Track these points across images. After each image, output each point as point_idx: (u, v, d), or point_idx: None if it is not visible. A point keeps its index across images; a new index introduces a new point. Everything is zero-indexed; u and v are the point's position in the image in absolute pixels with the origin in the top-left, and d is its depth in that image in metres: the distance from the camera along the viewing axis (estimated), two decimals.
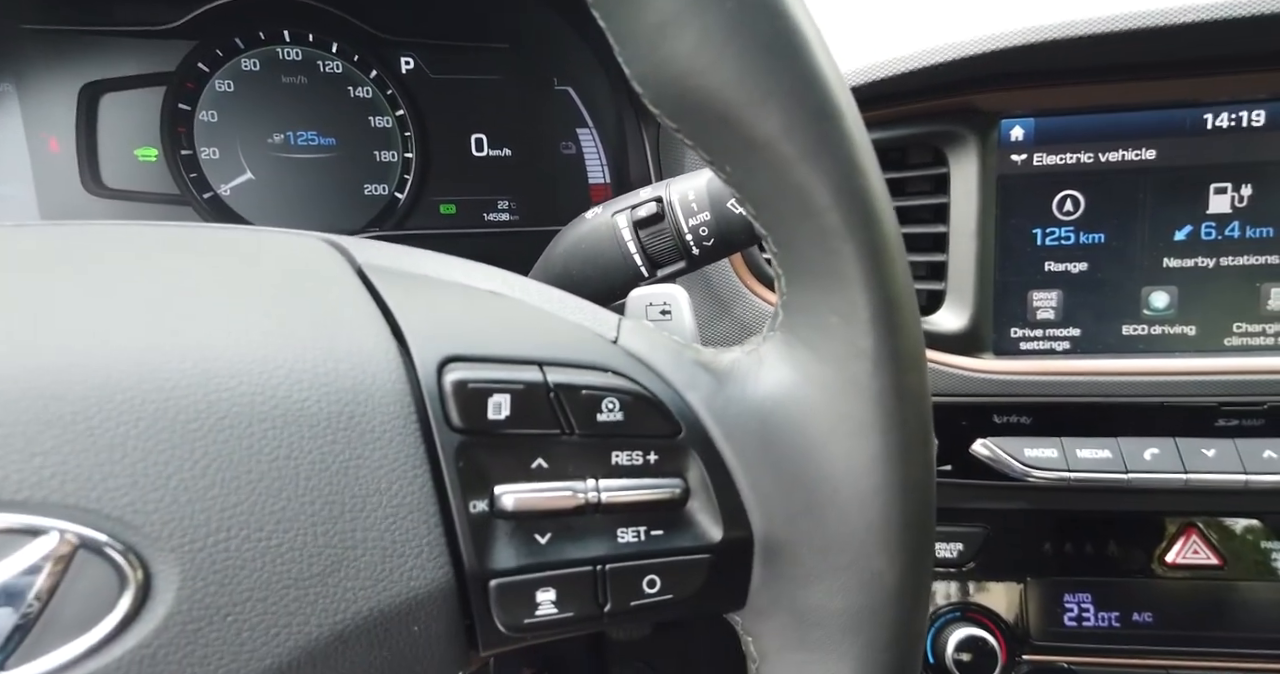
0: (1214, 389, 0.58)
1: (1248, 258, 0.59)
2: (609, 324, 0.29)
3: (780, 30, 0.23)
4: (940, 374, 0.61)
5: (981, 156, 0.59)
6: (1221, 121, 0.58)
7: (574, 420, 0.26)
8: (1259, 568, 0.61)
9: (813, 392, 0.26)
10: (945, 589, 0.65)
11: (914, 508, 0.26)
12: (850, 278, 0.25)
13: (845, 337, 0.25)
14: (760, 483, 0.27)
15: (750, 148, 0.24)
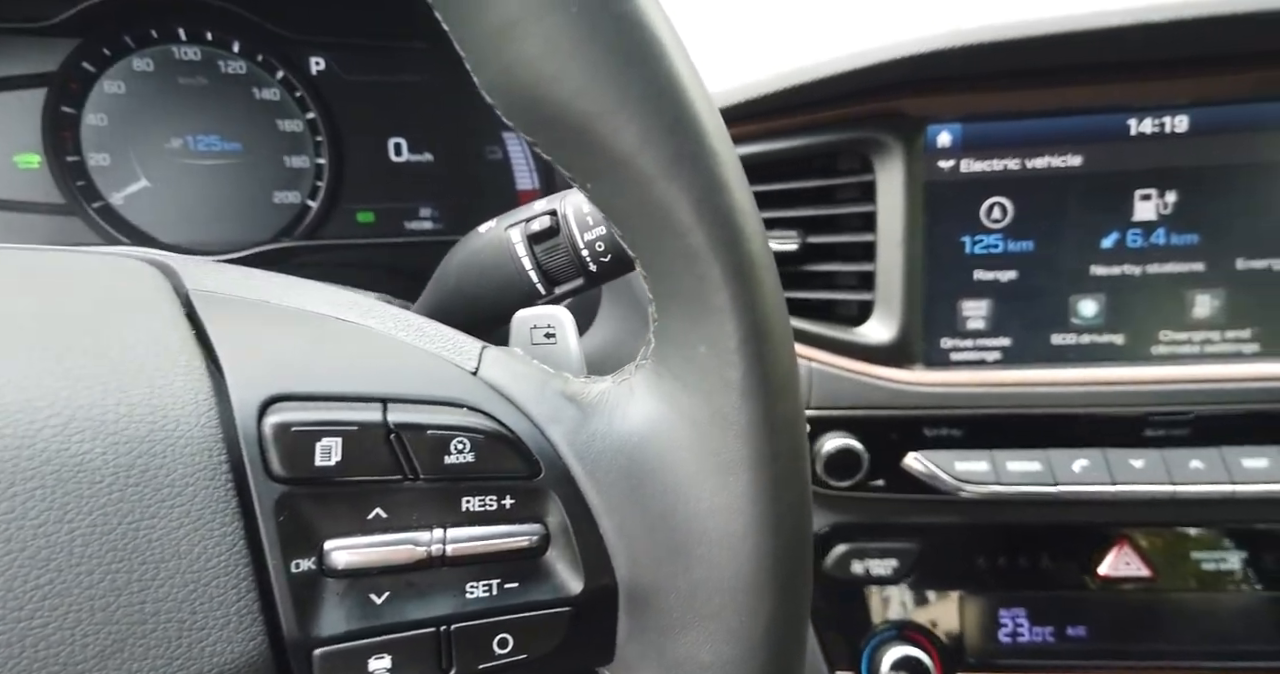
0: (1141, 399, 0.57)
1: (1174, 265, 0.58)
2: (470, 353, 0.26)
3: (632, 36, 0.21)
4: (870, 387, 0.59)
5: (908, 163, 0.57)
6: (1145, 127, 0.58)
7: (418, 464, 0.23)
8: (1190, 578, 0.61)
9: (681, 426, 0.24)
10: (881, 607, 0.64)
11: (786, 549, 0.24)
12: (716, 304, 0.22)
13: (713, 367, 0.23)
14: (626, 525, 0.25)
15: (608, 163, 0.22)
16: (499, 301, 0.36)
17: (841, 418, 0.59)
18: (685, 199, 0.22)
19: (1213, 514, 0.59)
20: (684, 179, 0.21)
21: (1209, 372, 0.57)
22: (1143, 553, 0.61)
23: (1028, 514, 0.62)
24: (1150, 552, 0.61)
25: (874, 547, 0.63)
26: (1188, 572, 0.61)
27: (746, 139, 0.58)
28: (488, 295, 0.36)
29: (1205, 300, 0.59)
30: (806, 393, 0.59)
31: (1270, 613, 0.60)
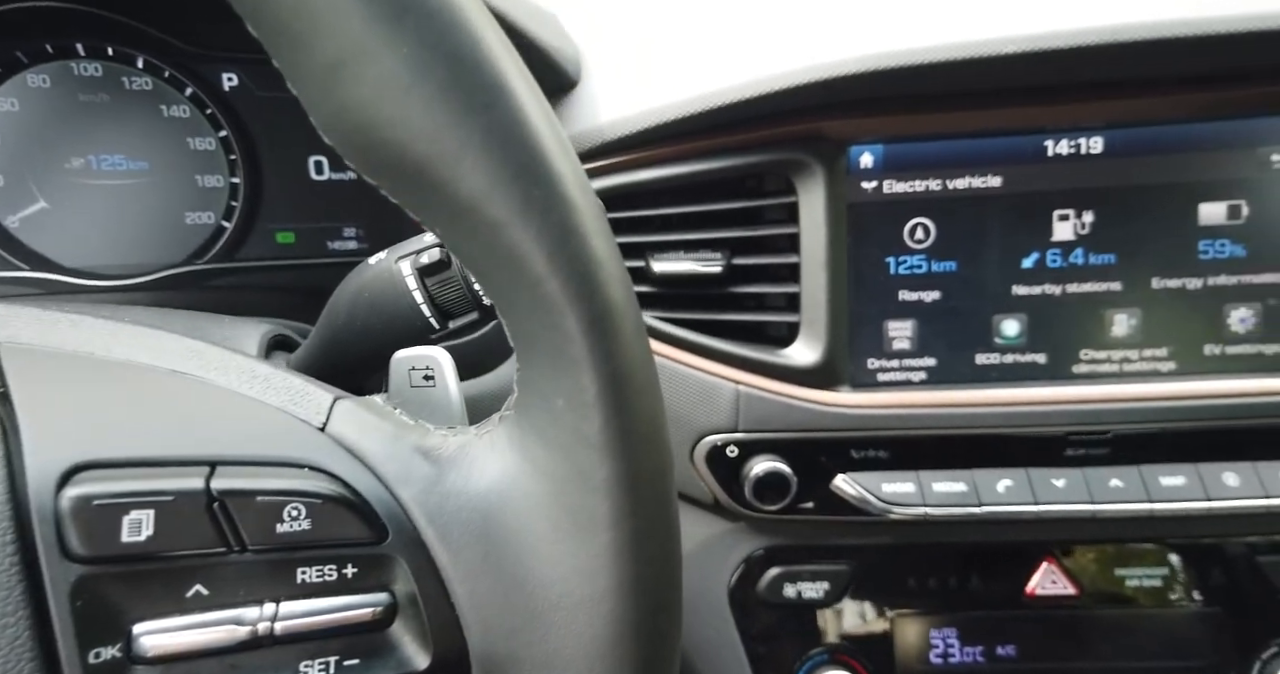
0: (1062, 418, 0.57)
1: (1092, 285, 0.59)
2: (319, 406, 0.24)
3: (472, 78, 0.20)
4: (798, 410, 0.58)
5: (830, 184, 0.57)
6: (1061, 149, 0.58)
7: (245, 535, 0.21)
8: (1113, 595, 0.61)
9: (539, 483, 0.23)
10: (813, 630, 0.63)
11: (649, 611, 0.23)
12: (573, 355, 0.21)
13: (570, 421, 0.22)
14: (479, 591, 0.23)
15: (454, 209, 0.21)
16: (391, 337, 0.34)
17: (770, 441, 0.59)
18: (537, 248, 0.20)
19: (1133, 531, 0.60)
20: (535, 227, 0.20)
21: (1127, 391, 0.57)
22: (1068, 571, 0.61)
23: (956, 534, 0.61)
24: (1075, 570, 0.61)
25: (806, 569, 0.63)
26: (1112, 589, 0.61)
27: (672, 160, 0.57)
28: (379, 330, 0.34)
29: (1123, 319, 0.59)
30: (734, 416, 0.58)
31: (1192, 628, 0.61)
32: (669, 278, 0.57)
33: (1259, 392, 0.56)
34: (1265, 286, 0.58)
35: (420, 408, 0.27)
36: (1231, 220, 0.58)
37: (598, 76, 0.56)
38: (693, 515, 0.64)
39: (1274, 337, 0.58)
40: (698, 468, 0.60)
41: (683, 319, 0.58)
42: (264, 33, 0.20)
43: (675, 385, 0.59)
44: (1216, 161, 0.57)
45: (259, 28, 0.20)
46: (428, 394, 0.28)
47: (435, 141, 0.19)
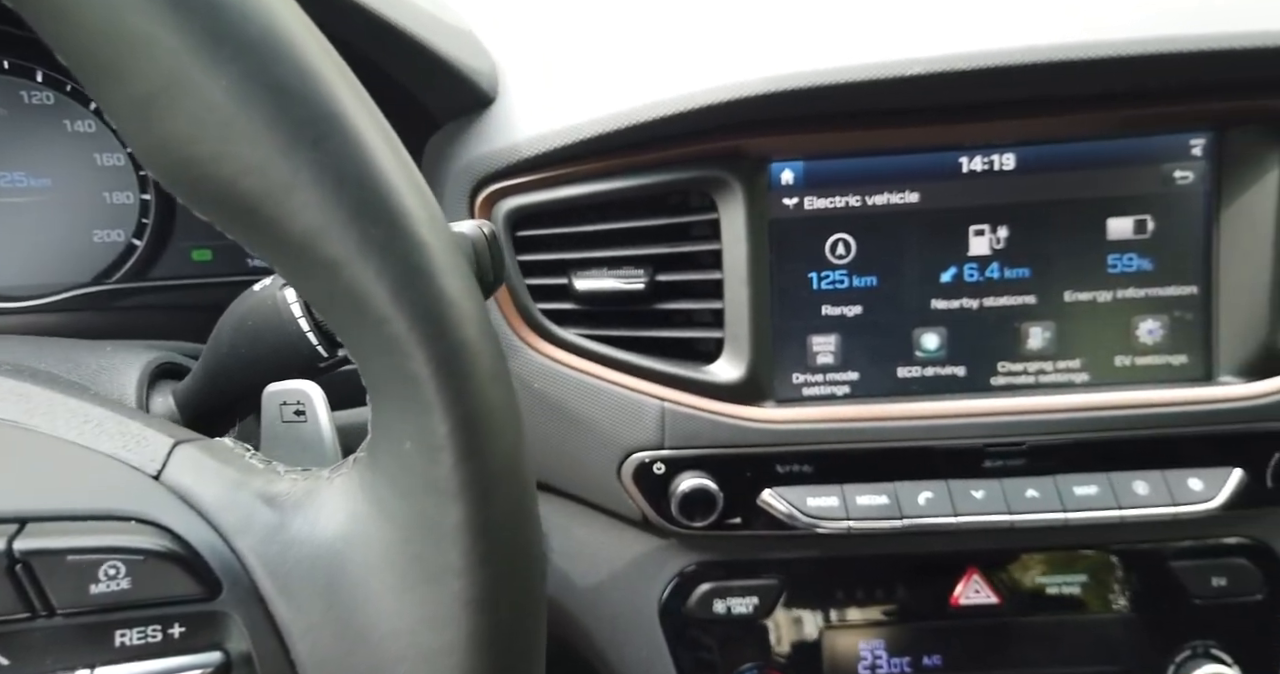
0: (979, 431, 0.58)
1: (1008, 298, 0.60)
2: (156, 452, 0.23)
3: (300, 110, 0.19)
4: (724, 426, 0.58)
5: (751, 201, 0.57)
6: (976, 165, 0.59)
7: (53, 598, 0.20)
8: (1035, 603, 0.62)
9: (388, 530, 0.22)
10: (743, 646, 0.63)
11: (501, 664, 0.22)
12: (421, 397, 0.20)
13: (418, 465, 0.21)
14: (320, 646, 0.22)
15: (287, 248, 0.20)
16: (277, 366, 0.33)
17: (696, 457, 0.59)
18: (379, 287, 0.20)
19: (1052, 540, 0.61)
20: (375, 267, 0.20)
21: (1042, 402, 0.59)
22: (990, 581, 0.62)
23: (882, 546, 0.62)
24: (997, 579, 0.62)
25: (736, 585, 0.63)
26: (1033, 597, 0.62)
27: (592, 176, 0.57)
28: (265, 360, 0.33)
29: (1038, 332, 0.61)
30: (660, 433, 0.58)
31: (1110, 633, 0.62)
32: (592, 295, 0.57)
33: (1166, 402, 0.57)
34: (1171, 299, 0.59)
35: (292, 445, 0.26)
36: (1139, 235, 0.59)
37: (516, 92, 0.56)
38: (622, 533, 0.63)
39: (1180, 348, 0.60)
40: (625, 485, 0.59)
41: (608, 336, 0.58)
42: (73, 62, 0.19)
43: (602, 403, 0.58)
44: (1123, 178, 0.59)
45: (67, 56, 0.19)
46: (299, 430, 0.27)
47: (262, 178, 0.19)
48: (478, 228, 0.31)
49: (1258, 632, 0.63)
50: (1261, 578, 0.63)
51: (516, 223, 0.57)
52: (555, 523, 0.63)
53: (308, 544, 0.22)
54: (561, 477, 0.61)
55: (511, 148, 0.54)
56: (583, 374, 0.58)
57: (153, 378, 0.37)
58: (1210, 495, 0.57)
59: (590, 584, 0.63)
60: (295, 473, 0.24)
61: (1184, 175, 0.59)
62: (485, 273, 0.31)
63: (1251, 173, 0.56)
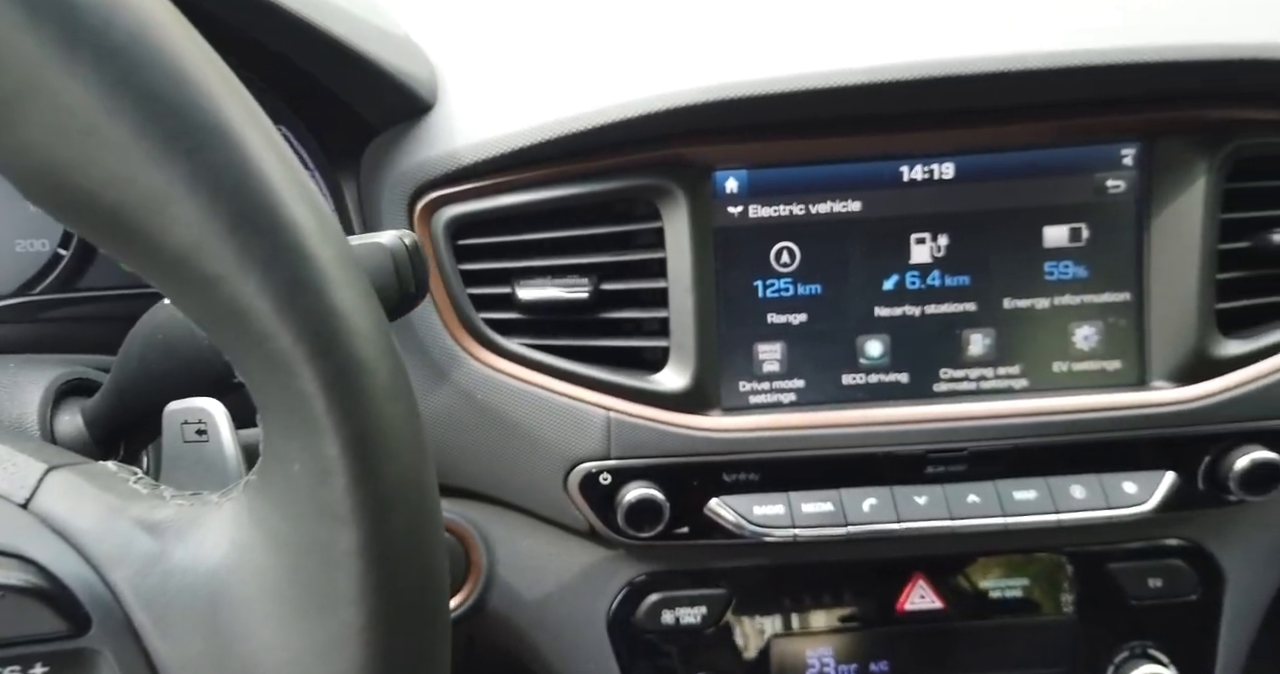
0: (922, 437, 0.59)
1: (949, 305, 0.61)
2: (26, 478, 0.22)
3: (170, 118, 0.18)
4: (670, 435, 0.58)
5: (695, 209, 0.57)
6: (916, 174, 0.60)
7: None
8: (979, 608, 0.63)
9: (275, 556, 0.21)
10: (691, 657, 0.62)
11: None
12: (309, 416, 0.20)
13: (308, 488, 0.20)
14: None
15: (160, 262, 0.19)
16: (188, 382, 0.32)
17: (643, 467, 0.58)
18: (261, 303, 0.19)
19: (994, 545, 0.62)
20: (256, 281, 0.19)
21: (982, 408, 0.59)
22: (936, 586, 0.63)
23: (829, 553, 0.62)
24: (942, 585, 0.63)
25: (684, 594, 0.62)
26: (977, 602, 0.63)
27: (534, 184, 0.56)
28: (177, 375, 0.32)
29: (978, 339, 0.61)
30: (606, 443, 0.57)
31: (1052, 636, 0.63)
32: (536, 304, 0.56)
33: (1101, 407, 0.58)
34: (1106, 305, 0.61)
35: (194, 466, 0.25)
36: (1074, 243, 0.61)
37: (456, 99, 0.55)
38: (570, 544, 0.62)
39: (1115, 353, 0.61)
40: (572, 497, 0.59)
41: (552, 345, 0.57)
42: None
43: (547, 413, 0.57)
44: (1058, 187, 0.60)
45: None
46: (201, 450, 0.26)
47: (130, 189, 0.18)
48: (398, 238, 0.31)
49: (1193, 632, 0.64)
50: (1196, 579, 0.64)
51: (458, 231, 0.56)
52: (500, 535, 0.62)
53: (189, 574, 0.21)
54: (506, 488, 0.60)
55: (450, 155, 0.53)
56: (527, 384, 0.57)
57: (59, 395, 0.35)
58: (1144, 499, 0.58)
59: (537, 597, 0.62)
60: (183, 498, 0.23)
61: (1115, 184, 0.60)
62: (406, 285, 0.30)
63: (1179, 182, 0.58)
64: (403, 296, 0.31)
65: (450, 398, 0.57)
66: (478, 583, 0.60)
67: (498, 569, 0.61)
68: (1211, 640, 0.65)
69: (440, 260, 0.54)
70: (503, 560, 0.62)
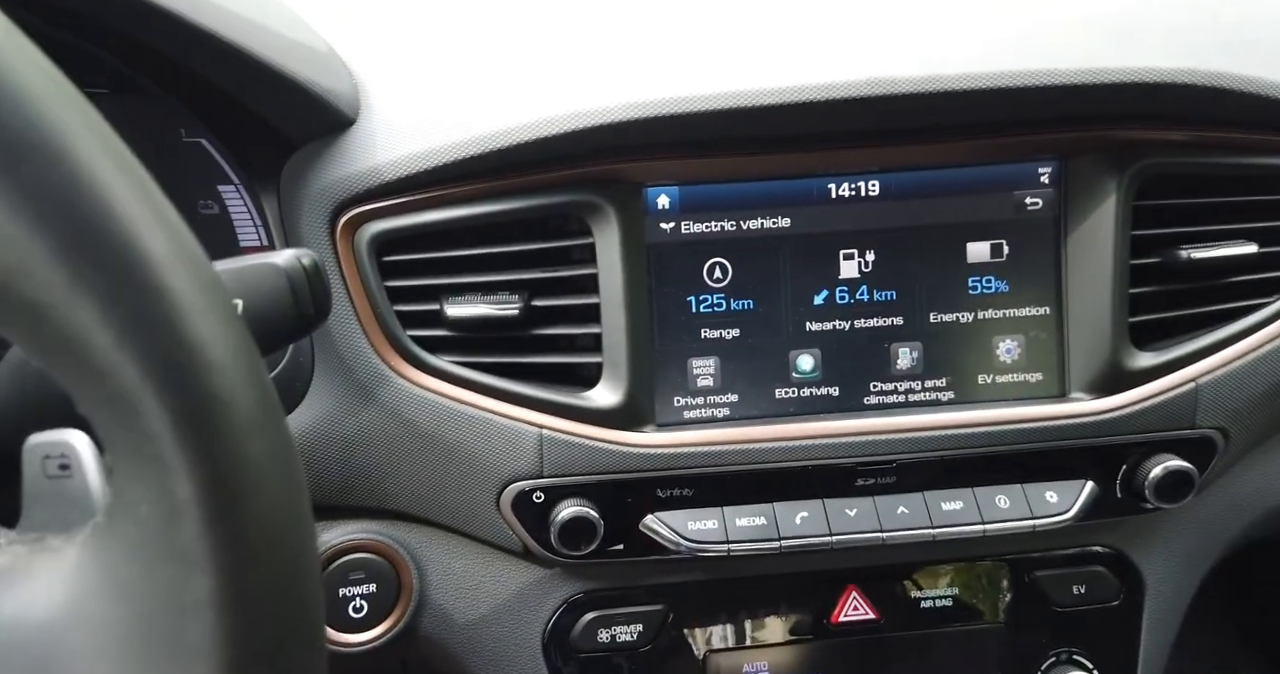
0: (852, 450, 0.59)
1: (877, 320, 0.62)
2: None
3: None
4: (604, 452, 0.58)
5: (626, 225, 0.57)
6: (844, 191, 0.61)
7: None
8: (911, 618, 0.64)
9: (121, 606, 0.19)
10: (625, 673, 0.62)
11: None
12: (157, 456, 0.19)
13: (158, 531, 0.19)
14: None
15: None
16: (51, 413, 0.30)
17: (576, 485, 0.58)
18: (100, 335, 0.18)
19: (925, 555, 0.63)
20: (93, 310, 0.18)
21: (910, 421, 0.60)
22: (869, 597, 0.64)
23: (764, 566, 0.63)
24: (875, 596, 0.64)
25: (620, 612, 0.62)
26: (909, 612, 0.64)
27: (462, 200, 0.55)
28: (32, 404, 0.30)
29: (906, 352, 0.63)
30: (539, 461, 0.57)
31: (980, 645, 0.64)
32: (466, 321, 0.55)
33: (1023, 418, 0.60)
34: (1027, 319, 0.63)
35: (57, 504, 0.23)
36: (995, 258, 0.62)
37: (379, 113, 0.54)
38: (504, 564, 0.61)
39: (1036, 366, 0.63)
40: (505, 516, 0.58)
41: (483, 363, 0.57)
42: None
43: (478, 432, 0.57)
44: (979, 204, 0.62)
45: None
46: (64, 488, 0.24)
47: None
48: (295, 258, 0.30)
49: (1115, 637, 0.66)
50: (1118, 585, 0.66)
51: (382, 247, 0.55)
52: (433, 557, 0.60)
53: (19, 628, 0.19)
54: (437, 509, 0.59)
55: (372, 170, 0.52)
56: (457, 403, 0.56)
57: None
58: (1065, 508, 0.60)
59: (471, 619, 0.61)
60: (23, 542, 0.21)
61: (1034, 202, 0.62)
62: (304, 306, 0.29)
63: (1092, 200, 0.60)
64: (300, 319, 0.30)
65: (377, 418, 0.55)
66: (409, 606, 0.59)
67: (430, 592, 0.60)
68: (1133, 645, 0.67)
69: (364, 277, 0.53)
70: (435, 582, 0.60)
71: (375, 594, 0.58)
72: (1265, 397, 0.62)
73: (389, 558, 0.59)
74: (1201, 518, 0.69)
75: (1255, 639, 1.17)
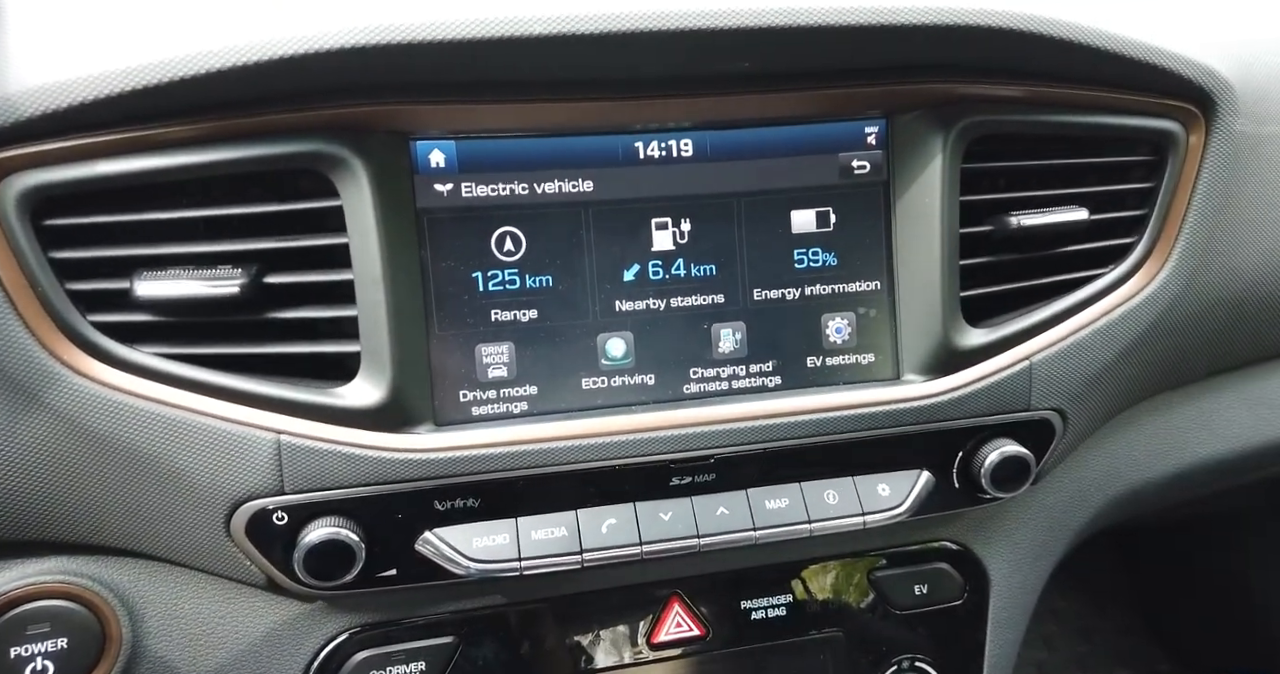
0: (666, 445, 0.52)
1: (696, 298, 0.55)
2: None
3: None
4: (364, 460, 0.47)
5: (386, 186, 0.47)
6: (654, 151, 0.53)
7: None
8: (740, 631, 0.57)
9: None
10: None
11: None
12: None
13: None
14: None
15: None
16: None
17: (329, 502, 0.47)
18: None
19: (753, 559, 0.56)
20: None
21: (731, 410, 0.53)
22: (693, 611, 0.56)
23: (571, 584, 0.54)
24: (700, 608, 0.56)
25: (399, 650, 0.52)
26: (737, 624, 0.57)
27: (152, 147, 0.43)
28: None
29: (728, 334, 0.55)
30: (278, 474, 0.46)
31: (816, 656, 0.58)
32: (167, 303, 0.44)
33: (852, 404, 0.54)
34: (857, 295, 0.57)
35: None
36: (822, 228, 0.56)
37: (15, 29, 0.41)
38: (248, 601, 0.50)
39: (868, 346, 0.57)
40: (239, 543, 0.47)
41: (197, 355, 0.46)
42: None
43: (194, 442, 0.45)
44: (803, 168, 0.55)
45: None
46: None
47: None
48: None
49: (960, 639, 0.61)
50: (961, 582, 0.62)
51: (41, 207, 0.42)
52: (151, 598, 0.48)
53: None
54: (150, 540, 0.47)
55: (5, 103, 0.40)
56: (162, 405, 0.44)
57: None
58: (898, 501, 0.54)
59: (206, 671, 0.49)
60: None
61: (861, 165, 0.56)
62: None
63: (918, 162, 0.54)
64: None
65: (47, 428, 0.43)
66: (116, 661, 0.47)
67: (148, 642, 0.48)
68: (978, 646, 0.62)
69: (14, 246, 0.41)
70: (155, 630, 0.49)
71: (67, 651, 0.45)
72: (1102, 375, 0.58)
73: (88, 604, 0.46)
74: (1046, 508, 0.66)
75: (1162, 629, 1.19)
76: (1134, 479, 0.65)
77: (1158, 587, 1.22)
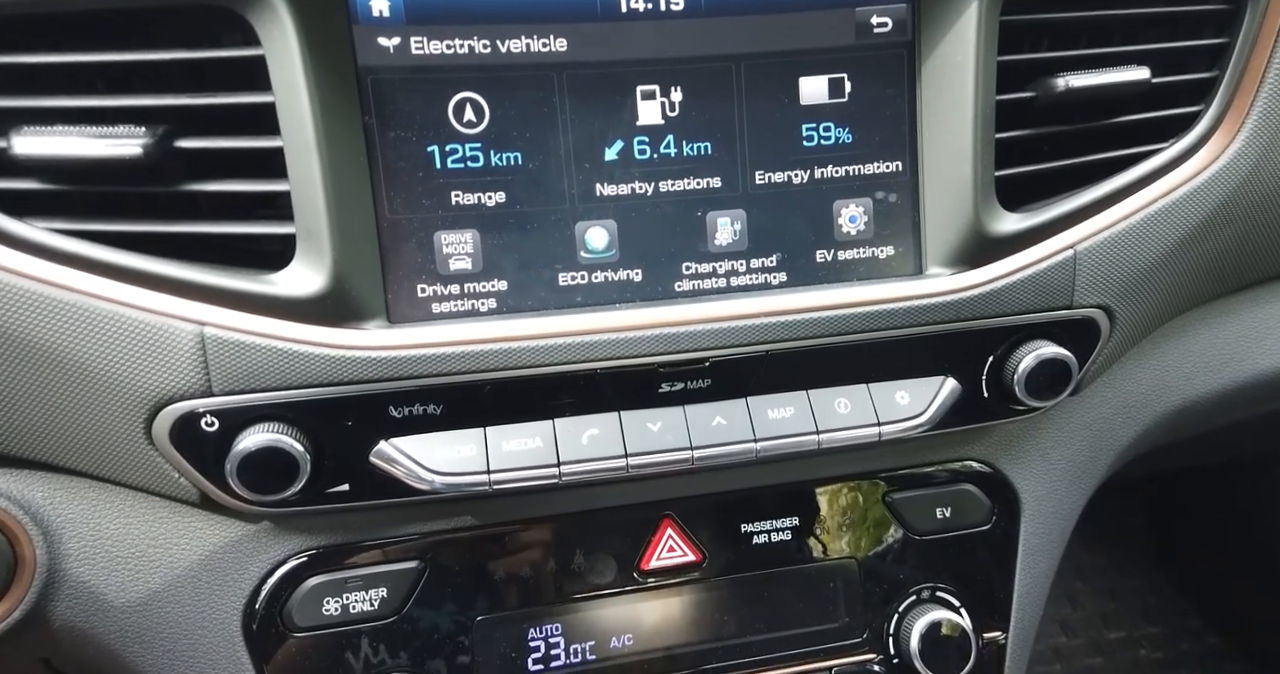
0: (655, 346, 0.45)
1: (688, 181, 0.48)
2: None
3: None
4: (304, 357, 0.41)
5: (316, 35, 0.40)
6: (638, 4, 0.46)
7: None
8: (738, 556, 0.51)
9: None
10: (370, 655, 0.47)
11: None
12: None
13: None
14: None
15: None
16: None
17: (267, 406, 0.41)
18: None
19: (753, 478, 0.50)
20: None
21: (729, 307, 0.46)
22: (687, 534, 0.50)
23: (548, 504, 0.48)
24: (695, 532, 0.50)
25: (356, 576, 0.47)
26: (735, 548, 0.51)
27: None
28: None
29: (726, 224, 0.48)
30: (203, 372, 0.40)
31: (823, 584, 0.52)
32: (60, 166, 0.37)
33: (870, 300, 0.47)
34: (874, 178, 0.49)
35: None
36: (835, 99, 0.48)
37: None
38: (183, 520, 0.45)
39: (886, 237, 0.50)
40: (162, 451, 0.41)
41: (101, 232, 0.39)
42: None
43: (101, 333, 0.39)
44: (814, 26, 0.48)
45: None
46: None
47: None
48: None
49: (987, 568, 0.55)
50: (989, 506, 0.55)
51: None
52: (71, 517, 0.43)
53: None
54: (63, 449, 0.42)
55: None
56: (63, 290, 0.38)
57: None
58: (919, 410, 0.47)
59: (133, 599, 0.44)
60: None
61: (881, 23, 0.48)
62: None
63: (949, 14, 0.46)
64: None
65: None
66: (30, 586, 0.42)
67: (68, 565, 0.43)
68: (1007, 576, 0.56)
69: None
70: (76, 552, 0.43)
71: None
72: (1155, 268, 0.51)
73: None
74: (1086, 425, 0.58)
75: (1188, 586, 1.13)
76: (1186, 394, 0.58)
77: (1186, 540, 1.16)
